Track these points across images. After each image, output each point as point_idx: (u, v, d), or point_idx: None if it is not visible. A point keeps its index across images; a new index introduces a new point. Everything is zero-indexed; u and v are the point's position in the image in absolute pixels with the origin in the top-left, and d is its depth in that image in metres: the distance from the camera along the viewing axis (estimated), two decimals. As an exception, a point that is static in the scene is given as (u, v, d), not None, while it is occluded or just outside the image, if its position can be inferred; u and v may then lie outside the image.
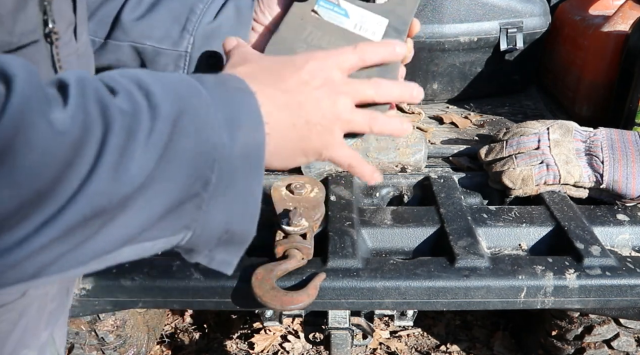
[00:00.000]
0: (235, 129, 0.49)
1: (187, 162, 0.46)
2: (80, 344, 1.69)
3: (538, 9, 1.69)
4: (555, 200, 1.19)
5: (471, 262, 1.02)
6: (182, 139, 0.46)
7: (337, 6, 0.72)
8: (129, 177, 0.43)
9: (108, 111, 0.43)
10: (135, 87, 0.46)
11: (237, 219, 0.52)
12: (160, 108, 0.45)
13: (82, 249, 0.43)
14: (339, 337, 1.30)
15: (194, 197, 0.47)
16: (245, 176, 0.51)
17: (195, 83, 0.50)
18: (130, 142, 0.43)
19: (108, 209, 0.43)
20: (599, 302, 1.01)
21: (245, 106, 0.51)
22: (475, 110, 1.71)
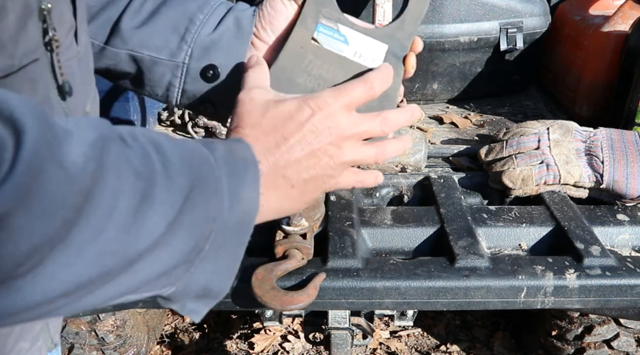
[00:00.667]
0: (236, 202, 0.52)
1: (190, 233, 0.48)
2: (80, 344, 1.69)
3: (538, 9, 1.69)
4: (555, 200, 1.19)
5: (471, 262, 1.02)
6: (190, 211, 0.47)
7: (337, 32, 0.71)
8: (137, 238, 0.44)
9: (123, 169, 0.43)
10: (153, 151, 0.47)
11: (217, 280, 0.54)
12: (176, 179, 0.47)
13: (79, 301, 0.44)
14: (339, 337, 1.30)
15: (186, 262, 0.49)
16: (234, 244, 0.54)
17: (207, 154, 0.51)
18: (144, 205, 0.44)
19: (114, 269, 0.43)
20: (599, 302, 1.01)
21: (248, 178, 0.54)
22: (475, 110, 1.71)
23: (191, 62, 0.75)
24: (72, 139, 0.41)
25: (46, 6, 0.51)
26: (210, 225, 0.50)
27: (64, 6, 0.57)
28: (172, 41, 0.74)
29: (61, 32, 0.55)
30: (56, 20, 0.54)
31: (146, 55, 0.74)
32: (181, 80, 0.76)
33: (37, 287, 0.40)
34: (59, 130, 0.41)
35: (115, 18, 0.74)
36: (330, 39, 0.71)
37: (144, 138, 0.48)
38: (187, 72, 0.75)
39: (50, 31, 0.52)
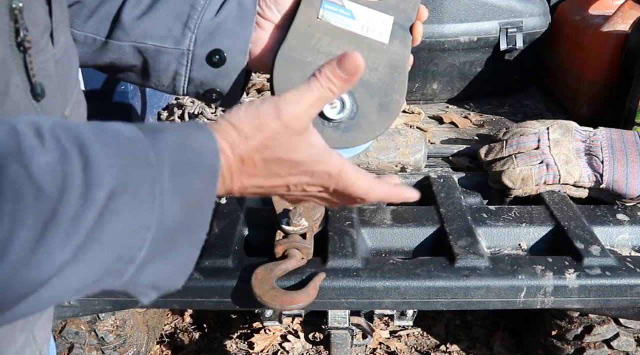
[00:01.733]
0: (182, 203, 0.46)
1: (112, 244, 0.42)
2: (80, 344, 1.69)
3: (538, 9, 1.69)
4: (555, 200, 1.19)
5: (471, 262, 1.02)
6: (112, 223, 0.42)
7: (342, 7, 0.71)
8: (38, 272, 0.39)
9: (21, 197, 0.38)
10: (75, 151, 0.41)
11: (165, 280, 0.49)
12: (95, 189, 0.40)
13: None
14: (339, 337, 1.30)
15: (116, 272, 0.44)
16: (183, 247, 0.48)
17: (146, 148, 0.45)
18: (48, 231, 0.39)
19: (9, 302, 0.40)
20: (599, 302, 1.01)
21: (202, 172, 0.47)
22: (475, 110, 1.71)
23: (196, 49, 0.73)
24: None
25: (17, 5, 0.49)
26: (142, 235, 0.44)
27: (38, 6, 0.56)
28: (176, 29, 0.73)
29: (35, 33, 0.54)
30: (29, 20, 0.52)
31: (150, 46, 0.73)
32: (187, 68, 0.74)
33: None
34: None
35: (115, 11, 0.73)
36: (336, 15, 0.71)
37: (67, 135, 0.42)
38: (193, 59, 0.74)
39: (22, 31, 0.51)
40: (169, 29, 0.73)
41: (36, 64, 0.54)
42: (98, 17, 0.73)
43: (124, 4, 0.73)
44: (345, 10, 0.71)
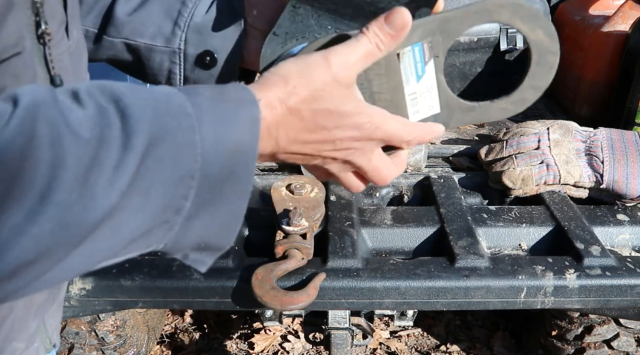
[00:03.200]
0: (223, 151, 0.46)
1: (157, 193, 0.43)
2: (80, 344, 1.69)
3: (538, 9, 1.69)
4: (555, 200, 1.19)
5: (471, 262, 1.02)
6: (154, 170, 0.42)
7: (423, 64, 0.63)
8: (85, 213, 0.40)
9: (60, 139, 0.39)
10: (111, 105, 0.42)
11: (214, 235, 0.50)
12: (134, 136, 0.41)
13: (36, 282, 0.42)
14: (339, 337, 1.30)
15: (164, 223, 0.45)
16: (229, 198, 0.48)
17: (184, 102, 0.45)
18: (91, 175, 0.39)
19: (59, 246, 0.40)
20: (599, 302, 1.01)
21: (241, 120, 0.47)
22: (475, 110, 1.71)
23: (187, 48, 0.72)
24: (2, 117, 0.38)
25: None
26: (187, 183, 0.44)
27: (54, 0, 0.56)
28: (165, 27, 0.72)
29: (53, 25, 0.54)
30: (48, 13, 0.53)
31: (141, 43, 0.72)
32: (180, 67, 0.73)
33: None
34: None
35: (108, 5, 0.73)
36: (411, 64, 0.63)
37: (102, 92, 0.43)
38: (186, 59, 0.73)
39: (42, 24, 0.52)
40: (159, 27, 0.72)
41: (54, 56, 0.55)
42: (95, 11, 0.73)
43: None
44: (422, 68, 0.63)
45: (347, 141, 0.55)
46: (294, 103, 0.51)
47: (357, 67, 0.54)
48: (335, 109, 0.53)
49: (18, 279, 0.40)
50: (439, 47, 0.63)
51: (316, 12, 0.66)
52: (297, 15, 0.66)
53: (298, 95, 0.51)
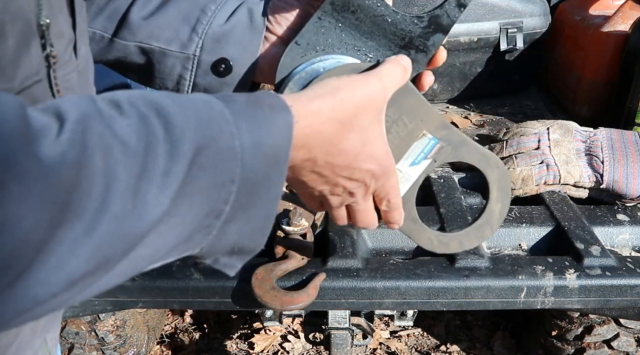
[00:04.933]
0: (260, 155, 0.47)
1: (202, 199, 0.44)
2: (80, 344, 1.69)
3: (538, 9, 1.69)
4: (555, 200, 1.19)
5: (471, 262, 1.02)
6: (199, 177, 0.44)
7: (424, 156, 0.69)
8: (139, 222, 0.41)
9: (110, 151, 0.39)
10: (153, 114, 0.43)
11: (248, 237, 0.51)
12: (179, 144, 0.42)
13: (89, 290, 0.42)
14: (339, 337, 1.30)
15: (205, 227, 0.46)
16: (262, 201, 0.49)
17: (220, 107, 0.47)
18: (142, 184, 0.40)
19: (115, 255, 0.41)
20: (599, 302, 1.01)
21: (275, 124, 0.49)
22: (475, 110, 1.71)
23: (202, 55, 0.72)
24: (50, 131, 0.38)
25: (45, 22, 0.49)
26: (228, 188, 0.46)
27: (62, 21, 0.55)
28: (183, 32, 0.72)
29: (59, 46, 0.53)
30: (54, 35, 0.52)
31: (156, 47, 0.72)
32: (192, 73, 0.73)
33: (26, 294, 0.37)
34: (35, 123, 0.37)
35: (123, 9, 0.72)
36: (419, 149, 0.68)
37: (144, 102, 0.44)
38: (199, 65, 0.72)
39: (47, 47, 0.51)
40: (176, 32, 0.72)
41: (60, 77, 0.54)
42: (106, 13, 0.72)
43: (133, 2, 0.72)
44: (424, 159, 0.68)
45: (364, 172, 0.57)
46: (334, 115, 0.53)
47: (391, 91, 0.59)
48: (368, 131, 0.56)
49: (74, 289, 0.40)
50: (442, 156, 0.69)
51: (339, 26, 0.68)
52: (321, 27, 0.68)
53: (338, 108, 0.54)
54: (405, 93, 0.64)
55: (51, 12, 0.51)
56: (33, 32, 0.48)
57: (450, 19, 0.69)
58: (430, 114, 0.66)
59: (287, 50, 0.69)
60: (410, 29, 0.68)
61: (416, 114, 0.65)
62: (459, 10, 0.69)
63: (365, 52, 0.69)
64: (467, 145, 0.69)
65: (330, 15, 0.67)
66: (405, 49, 0.69)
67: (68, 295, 0.40)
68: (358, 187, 0.59)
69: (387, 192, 0.61)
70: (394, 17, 0.68)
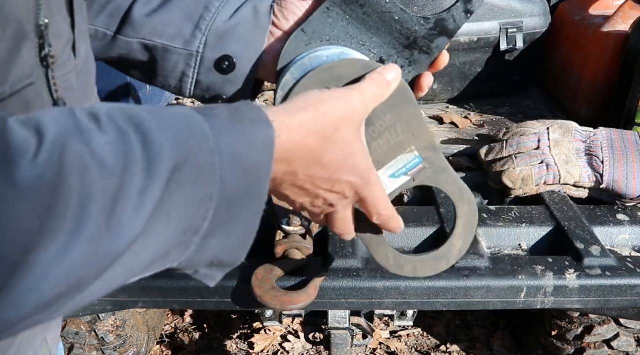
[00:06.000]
0: (240, 171, 0.46)
1: (179, 216, 0.44)
2: (80, 344, 1.69)
3: (538, 9, 1.69)
4: (555, 200, 1.19)
5: (471, 262, 1.02)
6: (177, 194, 0.43)
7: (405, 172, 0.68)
8: (114, 244, 0.40)
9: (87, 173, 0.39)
10: (132, 130, 0.42)
11: (228, 252, 0.50)
12: (157, 162, 0.41)
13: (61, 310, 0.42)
14: (339, 337, 1.30)
15: (182, 244, 0.46)
16: (243, 217, 0.49)
17: (200, 123, 0.46)
18: (118, 205, 0.40)
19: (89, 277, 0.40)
20: (599, 302, 1.01)
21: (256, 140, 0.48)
22: (475, 110, 1.71)
23: (206, 52, 0.71)
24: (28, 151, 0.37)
25: (43, 22, 0.49)
26: (206, 205, 0.45)
27: (61, 21, 0.55)
28: (186, 29, 0.71)
29: (58, 47, 0.53)
30: (53, 35, 0.52)
31: (159, 44, 0.71)
32: (195, 70, 0.72)
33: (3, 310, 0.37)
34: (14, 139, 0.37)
35: (126, 6, 0.72)
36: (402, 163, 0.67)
37: (122, 116, 0.43)
38: (202, 62, 0.72)
39: (46, 47, 0.51)
40: (179, 28, 0.71)
41: (58, 78, 0.54)
42: (109, 11, 0.72)
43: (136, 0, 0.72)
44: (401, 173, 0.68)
45: (345, 184, 0.56)
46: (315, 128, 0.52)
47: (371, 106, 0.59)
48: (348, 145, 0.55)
49: (47, 311, 0.40)
50: (420, 177, 0.68)
51: (347, 18, 0.68)
52: (329, 18, 0.68)
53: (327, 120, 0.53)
54: (407, 102, 0.64)
55: (50, 12, 0.51)
56: (25, 35, 0.47)
57: (456, 23, 0.69)
58: (423, 131, 0.66)
59: (293, 37, 0.69)
60: (416, 29, 0.68)
61: (411, 126, 0.65)
62: (466, 16, 0.69)
63: (370, 47, 0.69)
64: (447, 174, 0.69)
65: (338, 6, 0.67)
66: (409, 48, 0.69)
67: (41, 317, 0.40)
68: (339, 199, 0.58)
69: (374, 205, 0.60)
70: (401, 16, 0.68)
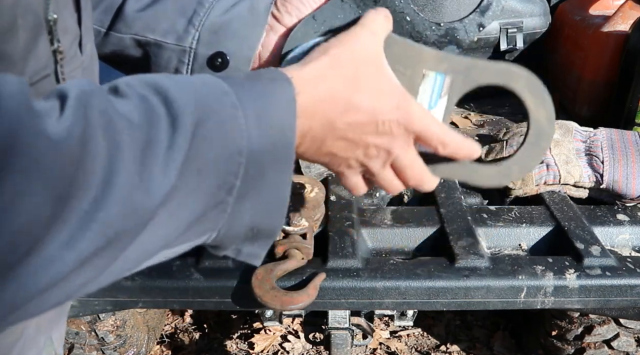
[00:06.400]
0: (266, 126, 0.46)
1: (210, 172, 0.44)
2: (80, 344, 1.69)
3: (538, 9, 1.69)
4: (555, 200, 1.19)
5: (471, 262, 1.02)
6: (205, 149, 0.43)
7: (438, 96, 0.62)
8: (148, 196, 0.40)
9: (113, 125, 0.39)
10: (152, 93, 0.43)
11: (264, 217, 0.50)
12: (181, 117, 0.42)
13: (103, 274, 0.41)
14: (339, 337, 1.30)
15: (218, 204, 0.46)
16: (273, 174, 0.48)
17: (219, 82, 0.47)
18: (147, 157, 0.40)
19: (126, 232, 0.40)
20: (599, 302, 1.01)
21: (277, 96, 0.48)
22: (475, 110, 1.71)
23: (199, 48, 0.70)
24: (53, 109, 0.38)
25: (52, 17, 0.50)
26: (236, 159, 0.45)
27: (68, 16, 0.55)
28: (179, 24, 0.70)
29: (65, 42, 0.53)
30: (61, 30, 0.52)
31: (151, 39, 0.71)
32: (188, 66, 0.71)
33: (37, 272, 0.36)
34: (37, 105, 0.38)
35: (119, 2, 0.71)
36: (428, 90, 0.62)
37: (140, 83, 0.44)
38: (195, 59, 0.71)
39: (55, 42, 0.51)
40: (172, 24, 0.70)
41: (67, 74, 0.54)
42: (102, 7, 0.72)
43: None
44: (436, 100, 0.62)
45: (389, 123, 0.54)
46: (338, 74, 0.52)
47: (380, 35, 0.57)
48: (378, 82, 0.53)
49: (87, 269, 0.39)
50: (456, 89, 0.62)
51: (359, 12, 0.67)
52: (341, 9, 0.67)
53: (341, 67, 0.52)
54: (390, 43, 0.60)
55: (58, 7, 0.51)
56: (42, 27, 0.48)
57: (467, 34, 0.68)
58: (423, 53, 0.61)
59: (302, 23, 0.67)
60: (426, 33, 0.67)
61: (409, 58, 0.60)
62: (478, 30, 0.68)
63: None
64: (476, 68, 0.62)
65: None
66: None
67: (81, 279, 0.39)
68: (391, 142, 0.55)
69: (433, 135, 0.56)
70: (414, 17, 0.66)
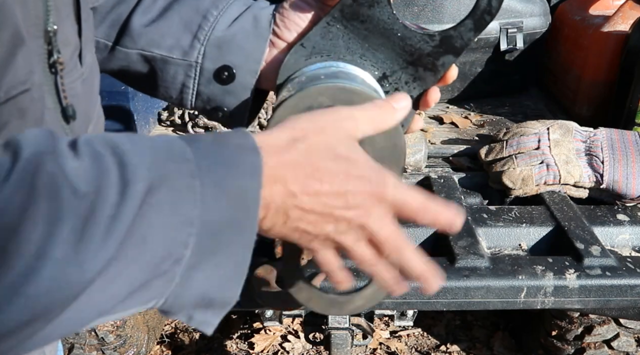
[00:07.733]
0: (224, 197, 0.44)
1: (156, 240, 0.41)
2: (80, 344, 1.69)
3: (538, 9, 1.69)
4: (555, 200, 1.19)
5: (471, 262, 1.01)
6: (152, 217, 0.41)
7: None
8: (81, 271, 0.38)
9: (58, 192, 0.38)
10: (108, 153, 0.41)
11: (217, 288, 0.47)
12: (132, 184, 0.40)
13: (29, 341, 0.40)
14: (339, 337, 1.30)
15: (163, 274, 0.43)
16: (232, 247, 0.45)
17: (183, 147, 0.44)
18: (88, 228, 0.38)
19: (55, 305, 0.38)
20: (599, 302, 1.01)
21: (243, 166, 0.45)
22: (475, 110, 1.71)
23: (205, 62, 0.70)
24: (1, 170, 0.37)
25: (52, 28, 0.49)
26: (186, 230, 0.42)
27: (69, 27, 0.55)
28: (184, 39, 0.69)
29: (66, 53, 0.53)
30: (61, 41, 0.51)
31: (157, 55, 0.70)
32: (195, 81, 0.71)
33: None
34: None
35: (125, 16, 0.70)
36: None
37: (100, 141, 0.42)
38: (201, 73, 0.70)
39: (55, 53, 0.50)
40: (178, 39, 0.70)
41: (66, 85, 0.53)
42: (109, 21, 0.71)
43: (135, 9, 0.71)
44: None
45: (360, 195, 0.50)
46: (303, 146, 0.49)
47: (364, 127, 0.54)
48: (346, 155, 0.50)
49: (10, 340, 0.38)
50: None
51: (348, 34, 0.66)
52: (329, 33, 0.66)
53: (307, 138, 0.49)
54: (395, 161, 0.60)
55: (59, 18, 0.51)
56: (22, 41, 0.47)
57: (463, 41, 0.67)
58: None
59: (292, 52, 0.67)
60: (419, 46, 0.66)
61: None
62: (474, 34, 0.67)
63: (372, 63, 0.67)
64: None
65: (339, 22, 0.65)
66: (413, 65, 0.67)
67: (5, 345, 0.39)
68: (363, 215, 0.52)
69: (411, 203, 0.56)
70: (404, 33, 0.65)
